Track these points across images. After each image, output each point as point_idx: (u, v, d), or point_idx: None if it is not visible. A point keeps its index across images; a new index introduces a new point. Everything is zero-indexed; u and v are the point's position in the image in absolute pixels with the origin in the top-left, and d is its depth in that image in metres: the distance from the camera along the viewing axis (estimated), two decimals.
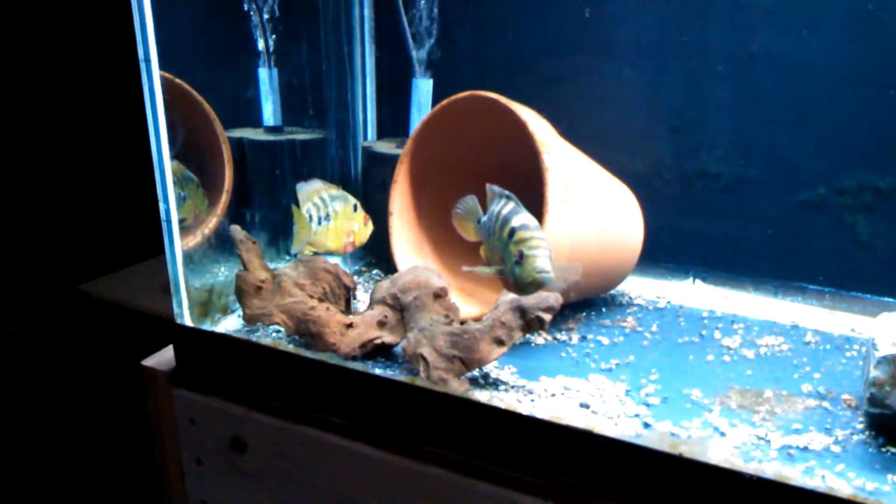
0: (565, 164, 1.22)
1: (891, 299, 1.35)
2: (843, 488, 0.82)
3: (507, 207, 1.06)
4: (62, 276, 2.39)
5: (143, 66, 1.08)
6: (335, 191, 1.29)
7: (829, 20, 1.31)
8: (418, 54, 1.51)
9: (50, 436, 2.39)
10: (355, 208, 1.29)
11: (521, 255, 1.00)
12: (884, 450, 0.92)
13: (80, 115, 2.47)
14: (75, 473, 2.31)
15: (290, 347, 1.13)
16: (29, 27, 2.33)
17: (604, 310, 1.38)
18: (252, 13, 1.40)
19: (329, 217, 1.27)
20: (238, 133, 1.43)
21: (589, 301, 1.40)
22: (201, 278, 1.23)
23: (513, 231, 1.02)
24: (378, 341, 1.12)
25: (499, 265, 1.07)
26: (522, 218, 1.04)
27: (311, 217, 1.27)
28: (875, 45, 1.29)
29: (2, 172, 2.30)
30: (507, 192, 1.08)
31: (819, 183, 1.37)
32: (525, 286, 1.02)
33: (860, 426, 0.98)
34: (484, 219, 1.12)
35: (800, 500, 0.80)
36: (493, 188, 1.11)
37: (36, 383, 2.44)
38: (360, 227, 1.29)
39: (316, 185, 1.29)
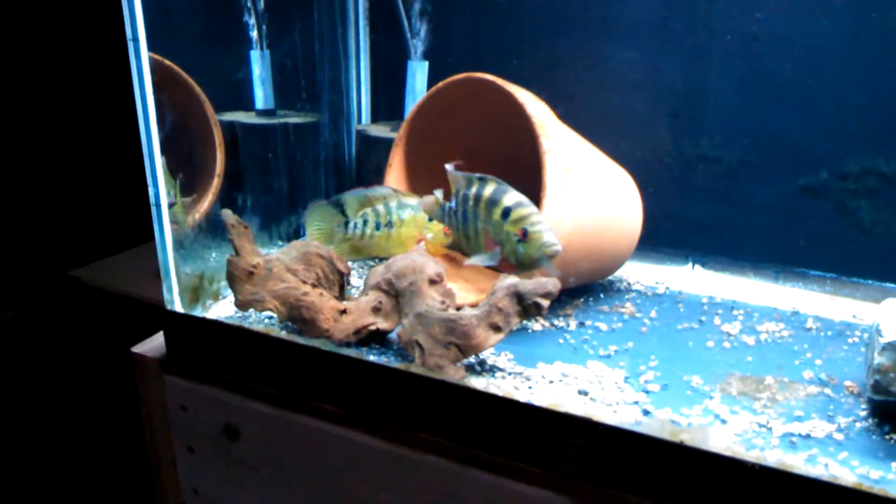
0: (564, 148, 1.20)
1: (893, 285, 1.34)
2: (846, 476, 0.81)
3: (488, 188, 1.05)
4: (54, 262, 2.37)
5: (130, 46, 1.06)
6: (411, 199, 1.28)
7: (833, 1, 1.29)
8: (413, 36, 1.49)
9: (42, 423, 2.38)
10: (431, 218, 1.28)
11: (525, 233, 0.99)
12: (888, 437, 0.91)
13: (69, 100, 2.45)
14: (67, 460, 2.30)
15: (283, 334, 1.11)
16: (14, 10, 2.30)
17: (602, 296, 1.36)
18: None
19: (392, 224, 1.27)
20: (230, 116, 1.42)
21: (587, 287, 1.39)
22: (192, 264, 1.22)
23: (507, 210, 1.01)
24: (372, 327, 1.10)
25: (483, 250, 1.07)
26: (514, 196, 1.03)
27: (366, 222, 1.27)
28: (879, 27, 1.28)
29: None
30: (478, 175, 1.07)
31: (821, 167, 1.36)
32: (533, 262, 1.02)
33: (863, 413, 0.96)
34: (451, 205, 1.09)
35: (803, 489, 0.79)
36: (456, 173, 1.09)
37: (28, 370, 2.43)
38: (435, 236, 1.28)
39: (383, 190, 1.29)
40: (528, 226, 1.01)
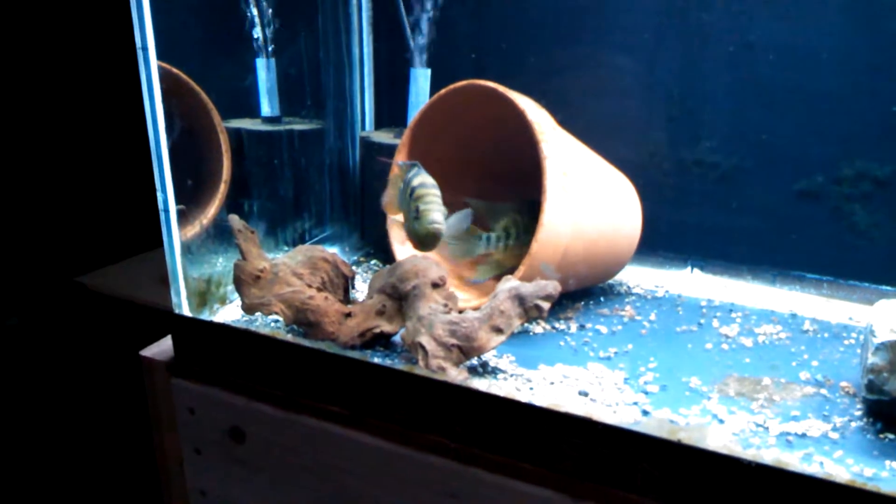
0: (564, 153, 1.22)
1: (888, 287, 1.35)
2: (841, 474, 0.82)
3: (411, 173, 1.13)
4: (60, 268, 2.39)
5: (140, 54, 1.08)
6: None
7: (828, 7, 1.31)
8: (416, 44, 1.51)
9: (49, 428, 2.39)
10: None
11: (417, 211, 1.06)
12: (881, 436, 0.92)
13: (76, 107, 2.47)
14: (75, 465, 2.31)
15: (289, 337, 1.13)
16: (25, 18, 2.32)
17: (602, 299, 1.38)
18: (250, 2, 1.40)
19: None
20: (236, 123, 1.43)
21: (587, 290, 1.40)
22: (200, 268, 1.23)
23: (412, 190, 1.08)
24: (377, 330, 1.12)
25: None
26: (420, 178, 1.12)
27: (508, 234, 1.30)
28: (873, 33, 1.29)
29: None
30: (411, 161, 1.16)
31: (817, 172, 1.38)
32: (421, 239, 1.09)
33: (858, 413, 0.98)
34: (400, 188, 1.18)
35: (798, 486, 0.80)
36: (406, 162, 1.18)
37: (35, 376, 2.44)
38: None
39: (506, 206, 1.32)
40: (421, 204, 1.08)
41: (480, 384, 1.00)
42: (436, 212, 1.07)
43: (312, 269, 1.19)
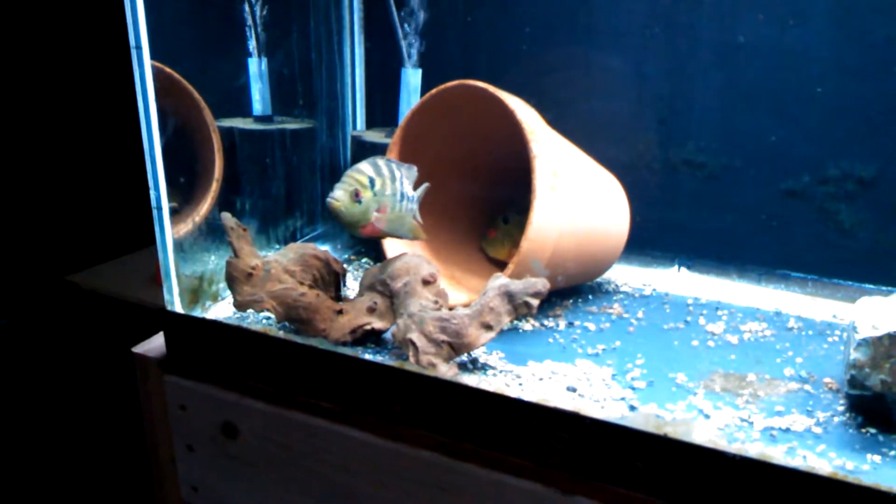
0: (553, 153, 1.23)
1: (871, 285, 1.37)
2: (823, 467, 0.83)
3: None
4: (51, 267, 2.38)
5: (133, 53, 1.08)
6: None
7: (814, 10, 1.33)
8: (407, 44, 1.52)
9: (41, 426, 2.39)
10: None
11: None
12: (863, 430, 0.94)
13: (68, 105, 2.46)
14: (68, 462, 2.31)
15: (281, 333, 1.14)
16: (18, 16, 2.32)
17: (590, 297, 1.40)
18: (243, 2, 1.41)
19: None
20: (228, 122, 1.43)
21: (576, 288, 1.42)
22: (192, 266, 1.24)
23: None
24: (368, 327, 1.13)
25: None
26: (360, 162, 1.14)
27: None
28: (858, 35, 1.31)
29: None
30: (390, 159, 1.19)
31: (803, 172, 1.39)
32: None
33: (841, 408, 1.00)
34: None
35: (782, 479, 0.81)
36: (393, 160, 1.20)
37: (26, 375, 2.44)
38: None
39: None
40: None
41: (470, 380, 1.02)
42: (337, 189, 1.10)
43: (304, 267, 1.20)
